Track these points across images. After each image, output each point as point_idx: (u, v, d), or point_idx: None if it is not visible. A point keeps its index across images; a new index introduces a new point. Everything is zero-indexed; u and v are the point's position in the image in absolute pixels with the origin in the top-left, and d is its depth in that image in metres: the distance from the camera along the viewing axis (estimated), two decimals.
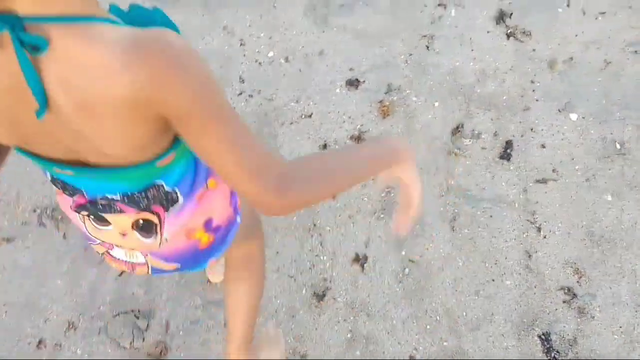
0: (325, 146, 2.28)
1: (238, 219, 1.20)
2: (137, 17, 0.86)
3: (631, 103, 2.37)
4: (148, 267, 1.16)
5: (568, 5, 2.56)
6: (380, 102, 2.36)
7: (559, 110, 2.35)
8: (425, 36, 2.50)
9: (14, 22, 0.65)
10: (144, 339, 2.00)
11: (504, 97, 2.38)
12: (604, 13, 2.55)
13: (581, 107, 2.36)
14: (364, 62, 2.44)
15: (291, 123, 2.32)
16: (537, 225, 2.17)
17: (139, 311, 2.04)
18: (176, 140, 0.87)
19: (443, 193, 2.21)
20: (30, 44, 0.65)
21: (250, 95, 2.37)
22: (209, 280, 2.06)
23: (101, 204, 0.95)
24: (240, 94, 2.39)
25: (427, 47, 2.47)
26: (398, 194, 2.05)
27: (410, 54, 2.46)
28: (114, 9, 0.88)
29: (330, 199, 2.13)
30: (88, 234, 1.09)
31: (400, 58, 2.45)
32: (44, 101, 0.69)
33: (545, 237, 2.15)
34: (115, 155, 0.81)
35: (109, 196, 0.94)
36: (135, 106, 0.70)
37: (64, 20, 0.67)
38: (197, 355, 1.98)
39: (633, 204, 2.19)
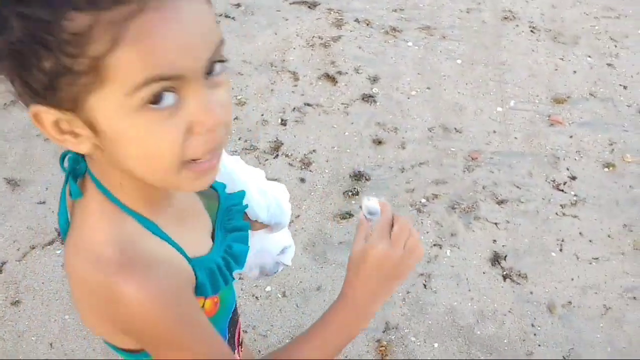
0: None
1: None
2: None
3: (637, 351, 2.28)
4: None
5: (561, 250, 2.63)
6: (378, 341, 2.29)
7: (564, 358, 2.26)
8: (422, 274, 2.52)
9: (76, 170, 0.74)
10: None
11: (505, 341, 2.31)
12: (597, 259, 2.60)
13: (585, 354, 2.27)
14: None
15: None
16: None
17: None
18: None
19: None
20: (74, 190, 0.74)
21: (245, 331, 2.32)
22: None
23: None
24: None
25: (425, 286, 2.48)
26: None
27: (408, 292, 2.46)
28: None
29: None
30: None
31: (398, 296, 2.44)
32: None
33: None
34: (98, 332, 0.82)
35: None
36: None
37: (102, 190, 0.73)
38: None
39: None
